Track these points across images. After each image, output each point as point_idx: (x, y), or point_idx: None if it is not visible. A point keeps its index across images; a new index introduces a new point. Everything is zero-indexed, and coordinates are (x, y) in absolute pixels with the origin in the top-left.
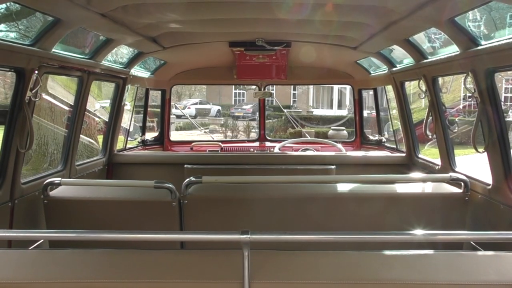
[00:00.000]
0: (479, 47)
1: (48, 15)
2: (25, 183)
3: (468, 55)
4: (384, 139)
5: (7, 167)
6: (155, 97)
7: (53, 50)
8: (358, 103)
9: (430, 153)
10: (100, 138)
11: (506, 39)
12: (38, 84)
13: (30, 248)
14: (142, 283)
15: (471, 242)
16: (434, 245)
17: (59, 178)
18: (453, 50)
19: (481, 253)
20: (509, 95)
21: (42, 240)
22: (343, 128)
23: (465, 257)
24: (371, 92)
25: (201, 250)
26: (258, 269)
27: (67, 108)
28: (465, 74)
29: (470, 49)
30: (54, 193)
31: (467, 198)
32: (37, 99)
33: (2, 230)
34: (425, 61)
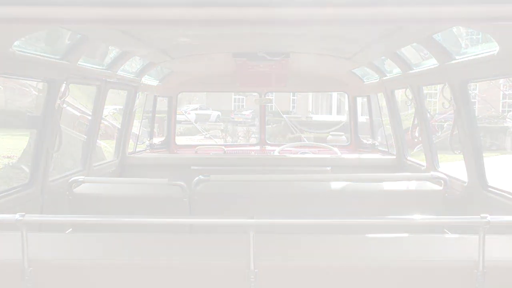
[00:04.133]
0: (453, 61)
1: (79, 33)
2: (52, 180)
3: (445, 68)
4: (377, 143)
5: (39, 166)
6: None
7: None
8: (353, 110)
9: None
10: (101, 140)
11: (475, 55)
12: (66, 93)
13: None
14: (161, 260)
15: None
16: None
17: (83, 177)
18: (434, 62)
19: (448, 235)
20: (507, 101)
21: (69, 231)
22: (342, 133)
23: (434, 239)
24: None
25: (210, 233)
26: (261, 249)
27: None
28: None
29: (446, 63)
30: (77, 190)
31: (446, 194)
32: (64, 106)
33: (39, 215)
34: (411, 71)
